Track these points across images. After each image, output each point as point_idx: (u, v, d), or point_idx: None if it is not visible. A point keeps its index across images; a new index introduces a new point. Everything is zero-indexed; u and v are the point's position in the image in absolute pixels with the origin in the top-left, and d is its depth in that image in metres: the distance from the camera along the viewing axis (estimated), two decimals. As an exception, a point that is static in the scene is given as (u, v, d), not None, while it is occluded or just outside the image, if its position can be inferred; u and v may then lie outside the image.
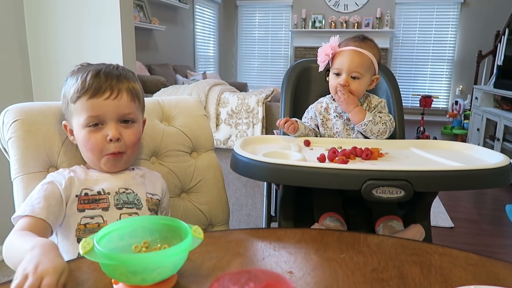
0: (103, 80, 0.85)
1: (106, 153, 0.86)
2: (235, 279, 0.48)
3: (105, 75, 0.86)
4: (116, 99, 0.85)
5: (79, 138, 0.87)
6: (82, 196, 0.84)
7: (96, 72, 0.85)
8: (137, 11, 4.57)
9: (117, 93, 0.85)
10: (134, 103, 0.89)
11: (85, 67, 0.89)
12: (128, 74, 0.90)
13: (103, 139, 0.85)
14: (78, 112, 0.85)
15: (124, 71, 0.90)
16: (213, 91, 2.21)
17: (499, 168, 0.87)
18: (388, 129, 1.18)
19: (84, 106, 0.84)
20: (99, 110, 0.84)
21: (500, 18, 5.47)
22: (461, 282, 0.62)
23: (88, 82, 0.84)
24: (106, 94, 0.84)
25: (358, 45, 1.19)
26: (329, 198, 1.18)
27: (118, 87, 0.86)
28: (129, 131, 0.88)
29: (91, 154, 0.87)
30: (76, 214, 0.82)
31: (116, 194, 0.86)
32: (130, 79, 0.89)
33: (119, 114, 0.86)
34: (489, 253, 0.68)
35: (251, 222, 2.20)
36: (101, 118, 0.85)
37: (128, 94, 0.87)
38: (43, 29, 1.95)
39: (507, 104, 3.76)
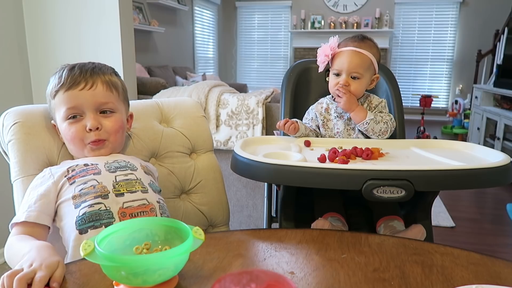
0: (77, 73, 0.89)
1: (87, 142, 0.89)
2: (236, 280, 0.48)
3: (79, 68, 0.90)
4: (91, 89, 0.88)
5: (62, 132, 0.90)
6: (69, 173, 0.85)
7: (71, 67, 0.90)
8: (136, 13, 4.57)
9: (91, 84, 0.88)
10: (112, 93, 0.91)
11: (67, 66, 0.92)
12: (105, 68, 0.94)
13: (83, 129, 0.88)
14: (58, 106, 0.89)
15: (101, 65, 0.93)
16: (213, 92, 2.21)
17: (500, 167, 0.87)
18: (389, 128, 1.18)
19: (62, 99, 0.88)
20: (76, 101, 0.87)
21: (499, 17, 5.47)
22: (463, 282, 0.62)
23: (63, 76, 0.88)
24: (81, 85, 0.87)
25: (357, 45, 1.19)
26: (330, 198, 1.18)
27: (92, 79, 0.89)
28: (108, 120, 0.90)
29: (73, 145, 0.90)
30: (68, 189, 0.83)
31: (106, 163, 0.88)
32: (106, 72, 0.93)
33: (96, 104, 0.89)
34: (490, 252, 0.68)
35: (252, 223, 2.19)
36: (79, 109, 0.88)
37: (104, 85, 0.90)
38: (43, 32, 1.95)
39: (507, 103, 3.76)
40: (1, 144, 0.95)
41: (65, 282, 0.61)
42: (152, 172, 0.97)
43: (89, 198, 0.80)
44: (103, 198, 0.81)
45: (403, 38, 6.81)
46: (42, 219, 0.79)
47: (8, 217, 0.83)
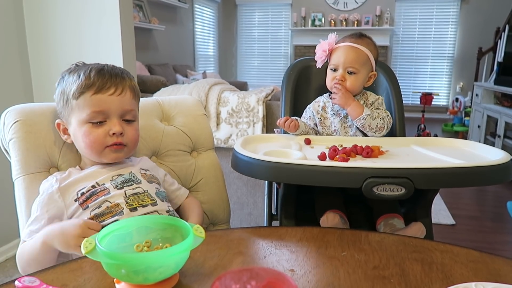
0: (107, 76, 0.85)
1: (107, 145, 0.86)
2: (236, 277, 0.48)
3: (109, 72, 0.86)
4: (121, 96, 0.86)
5: (77, 135, 0.87)
6: (79, 197, 0.84)
7: (100, 69, 0.86)
8: (136, 11, 4.57)
9: (121, 90, 0.86)
10: (135, 101, 0.91)
11: (84, 65, 0.89)
12: (129, 73, 0.92)
13: (105, 134, 0.85)
14: (80, 107, 0.84)
15: (123, 70, 0.91)
16: (213, 91, 2.21)
17: (500, 165, 0.87)
18: (386, 125, 1.17)
19: (88, 102, 0.84)
20: (104, 105, 0.84)
21: (500, 14, 5.46)
22: (463, 279, 0.62)
23: (92, 78, 0.84)
24: (111, 90, 0.85)
25: (354, 41, 1.20)
26: (331, 196, 1.18)
27: (122, 84, 0.87)
28: (130, 128, 0.89)
29: (90, 150, 0.86)
30: (83, 214, 0.83)
31: (112, 180, 0.88)
32: (130, 77, 0.91)
33: (123, 110, 0.87)
34: (490, 250, 0.69)
35: (253, 221, 2.20)
36: (104, 113, 0.85)
37: (131, 92, 0.89)
38: (43, 30, 1.95)
39: (508, 101, 3.76)
40: (2, 142, 0.95)
41: (67, 280, 0.62)
42: (155, 177, 0.96)
43: (106, 218, 0.82)
44: (119, 215, 0.83)
45: (403, 35, 6.80)
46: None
47: (9, 215, 0.84)
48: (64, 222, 0.81)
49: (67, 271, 0.64)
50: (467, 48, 6.45)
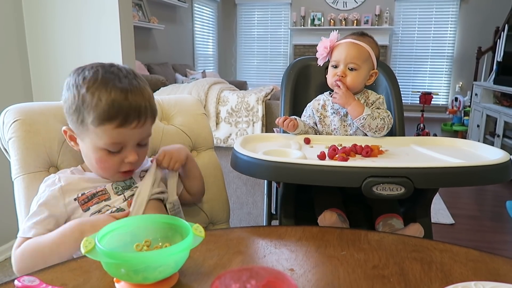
0: (132, 109, 0.79)
1: (119, 171, 0.85)
2: (236, 276, 0.48)
3: (132, 98, 0.79)
4: (142, 128, 0.82)
5: (89, 155, 0.84)
6: (80, 197, 0.84)
7: (124, 95, 0.78)
8: (136, 10, 4.57)
9: (144, 121, 0.81)
10: (152, 124, 0.87)
11: (102, 79, 0.79)
12: (147, 88, 0.85)
13: (120, 161, 0.84)
14: (98, 135, 0.80)
15: (143, 83, 0.84)
16: (212, 90, 2.21)
17: (499, 164, 0.87)
18: (386, 125, 1.17)
19: (109, 134, 0.79)
20: (123, 138, 0.81)
21: (499, 14, 5.47)
22: (462, 278, 0.63)
23: (116, 110, 0.77)
24: (133, 124, 0.80)
25: (356, 39, 1.21)
26: (330, 195, 1.18)
27: (145, 114, 0.81)
28: (142, 150, 0.87)
29: (101, 172, 0.86)
30: (83, 214, 0.83)
31: (113, 183, 0.88)
32: (151, 96, 0.85)
33: (140, 139, 0.85)
34: (489, 249, 0.69)
35: (252, 221, 2.20)
36: (122, 143, 0.82)
37: (151, 119, 0.85)
38: (42, 29, 1.95)
39: (507, 100, 3.76)
40: (1, 141, 0.95)
41: (66, 279, 0.62)
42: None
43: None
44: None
45: (403, 35, 6.80)
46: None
47: (8, 214, 0.84)
48: (93, 218, 0.81)
49: (66, 271, 0.64)
50: (466, 47, 6.45)
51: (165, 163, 0.93)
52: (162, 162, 0.93)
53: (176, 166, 0.95)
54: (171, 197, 0.96)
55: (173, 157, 0.94)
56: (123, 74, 0.82)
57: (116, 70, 0.82)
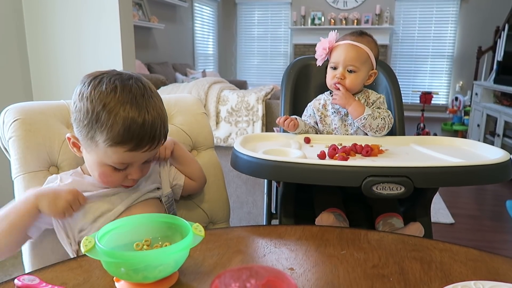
0: (147, 131, 0.76)
1: (121, 184, 0.85)
2: (236, 275, 0.48)
3: (150, 123, 0.76)
4: (153, 151, 0.81)
5: (92, 167, 0.82)
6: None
7: (141, 119, 0.75)
8: (136, 9, 4.56)
9: (156, 145, 0.80)
10: (163, 143, 0.85)
11: (120, 97, 0.75)
12: (162, 106, 0.82)
13: (124, 178, 0.83)
14: (108, 154, 0.77)
15: (158, 99, 0.82)
16: (212, 89, 2.21)
17: (499, 163, 0.87)
18: (387, 124, 1.17)
19: (119, 155, 0.77)
20: (133, 159, 0.80)
21: (499, 13, 5.46)
22: (462, 278, 0.63)
23: (131, 135, 0.75)
24: (145, 148, 0.78)
25: (354, 39, 1.19)
26: (330, 194, 1.18)
27: (158, 138, 0.79)
28: (146, 167, 0.87)
29: (103, 183, 0.85)
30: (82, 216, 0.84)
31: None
32: (165, 115, 0.82)
33: (148, 158, 0.84)
34: (489, 248, 0.69)
35: (252, 220, 2.20)
36: (130, 164, 0.81)
37: (164, 140, 0.83)
38: (42, 28, 1.95)
39: (507, 100, 3.76)
40: (1, 141, 0.95)
41: (66, 278, 0.62)
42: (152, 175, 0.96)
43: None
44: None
45: (403, 34, 6.80)
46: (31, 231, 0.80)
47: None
48: (56, 187, 0.82)
49: (66, 270, 0.64)
50: (466, 47, 6.45)
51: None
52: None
53: (167, 153, 0.95)
54: (165, 190, 0.96)
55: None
56: (140, 91, 0.77)
57: (133, 85, 0.77)
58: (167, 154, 0.95)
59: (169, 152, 0.96)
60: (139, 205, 0.88)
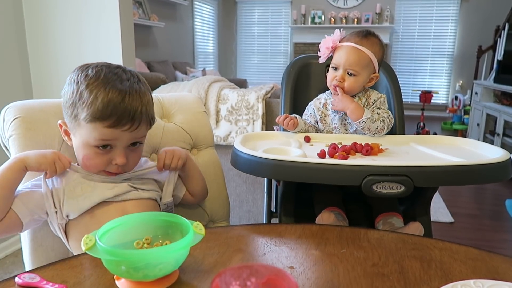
0: (127, 108, 0.78)
1: (104, 170, 0.84)
2: (236, 274, 0.48)
3: (129, 102, 0.78)
4: (135, 131, 0.81)
5: (80, 151, 0.83)
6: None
7: (121, 97, 0.77)
8: (136, 7, 4.56)
9: (137, 125, 0.80)
10: (147, 129, 0.86)
11: (104, 78, 0.79)
12: (148, 95, 0.84)
13: (108, 162, 0.83)
14: (88, 132, 0.79)
15: (144, 89, 0.84)
16: (212, 88, 2.21)
17: (499, 163, 0.87)
18: (386, 126, 1.16)
19: (98, 131, 0.78)
20: (113, 138, 0.80)
21: (500, 12, 5.46)
22: (461, 277, 0.63)
23: (110, 111, 0.76)
24: (126, 127, 0.79)
25: (358, 42, 1.17)
26: (330, 193, 1.18)
27: (139, 119, 0.80)
28: (135, 153, 0.86)
29: (86, 168, 0.85)
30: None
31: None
32: (149, 103, 0.84)
33: (131, 140, 0.83)
34: (489, 248, 0.69)
35: (252, 219, 2.20)
36: (112, 143, 0.81)
37: (146, 124, 0.84)
38: (42, 26, 1.94)
39: (507, 99, 3.76)
40: (2, 139, 0.95)
41: (67, 276, 0.62)
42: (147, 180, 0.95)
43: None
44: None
45: (403, 33, 6.79)
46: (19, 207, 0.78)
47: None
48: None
49: (67, 268, 0.64)
50: (466, 46, 6.45)
51: (168, 160, 0.92)
52: (165, 159, 0.92)
53: (179, 163, 0.93)
54: (165, 198, 0.96)
55: (175, 155, 0.93)
56: (126, 76, 0.81)
57: (120, 72, 0.82)
58: (179, 164, 0.94)
59: (181, 163, 0.94)
60: (135, 205, 0.87)
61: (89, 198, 0.83)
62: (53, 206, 0.81)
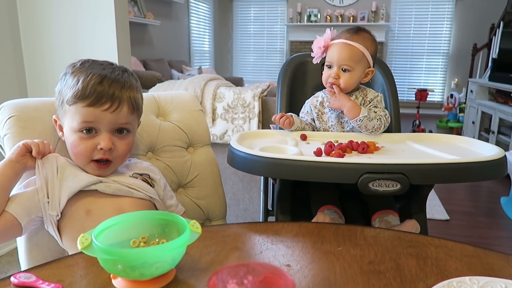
0: (106, 89, 0.80)
1: (92, 159, 0.83)
2: (233, 272, 0.48)
3: (108, 83, 0.81)
4: (115, 112, 0.81)
5: (68, 140, 0.85)
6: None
7: (100, 78, 0.80)
8: (131, 5, 4.54)
9: (117, 105, 0.81)
10: (133, 115, 0.86)
11: (89, 66, 0.83)
12: (132, 83, 0.86)
13: (93, 147, 0.82)
14: (72, 115, 0.81)
15: (129, 78, 0.86)
16: (209, 86, 2.20)
17: (494, 160, 0.88)
18: (383, 124, 1.16)
19: (80, 112, 0.80)
20: (95, 118, 0.81)
21: (495, 11, 5.48)
22: (457, 274, 0.63)
23: (89, 89, 0.79)
24: (105, 106, 0.80)
25: (349, 38, 1.17)
26: (326, 191, 1.18)
27: (119, 99, 0.81)
28: (122, 141, 0.85)
29: (75, 159, 0.85)
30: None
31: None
32: (133, 88, 0.86)
33: (116, 125, 0.83)
34: (484, 245, 0.69)
35: (248, 217, 2.20)
36: (95, 125, 0.82)
37: (129, 106, 0.84)
38: (37, 24, 1.93)
39: (502, 97, 3.78)
40: (-4, 138, 0.94)
41: (63, 276, 0.61)
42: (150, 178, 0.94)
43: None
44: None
45: (399, 31, 6.81)
46: (15, 209, 0.78)
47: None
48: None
49: (63, 267, 0.64)
50: (462, 44, 6.47)
51: None
52: None
53: None
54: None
55: None
56: (112, 67, 0.85)
57: (107, 64, 0.85)
58: None
59: None
60: (131, 203, 0.86)
61: (79, 178, 0.82)
62: (47, 195, 0.80)
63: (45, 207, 0.80)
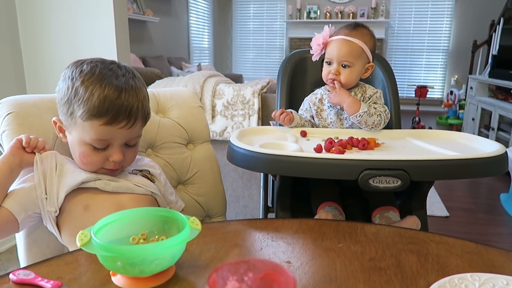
0: (123, 108, 0.78)
1: (102, 167, 0.84)
2: (233, 269, 0.48)
3: (126, 97, 0.78)
4: (130, 128, 0.81)
5: (74, 148, 0.83)
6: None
7: (117, 93, 0.77)
8: (130, 2, 4.52)
9: (133, 122, 0.80)
10: (142, 126, 0.86)
11: (99, 74, 0.78)
12: (143, 89, 0.85)
13: (104, 159, 0.82)
14: (85, 130, 0.79)
15: (139, 82, 0.84)
16: (208, 83, 2.20)
17: (495, 157, 0.87)
18: (383, 120, 1.16)
19: (95, 129, 0.78)
20: (110, 136, 0.80)
21: (495, 7, 5.47)
22: (458, 270, 0.63)
23: (106, 107, 0.76)
24: (122, 124, 0.79)
25: (348, 34, 1.17)
26: (327, 188, 1.18)
27: (135, 115, 0.80)
28: (131, 150, 0.86)
29: (83, 166, 0.84)
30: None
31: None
32: (145, 99, 0.84)
33: (127, 139, 0.83)
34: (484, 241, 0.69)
35: (248, 214, 2.20)
36: (109, 141, 0.81)
37: (142, 121, 0.84)
38: (36, 21, 1.92)
39: (502, 94, 3.78)
40: (-5, 134, 0.94)
41: (62, 273, 0.61)
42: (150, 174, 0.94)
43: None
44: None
45: (399, 28, 6.80)
46: (11, 205, 0.77)
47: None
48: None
49: (62, 264, 0.64)
50: (462, 41, 6.46)
51: None
52: None
53: None
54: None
55: None
56: (121, 72, 0.81)
57: (115, 67, 0.82)
58: None
59: None
60: (130, 199, 0.86)
61: (78, 174, 0.82)
62: (45, 192, 0.80)
63: (43, 203, 0.80)
